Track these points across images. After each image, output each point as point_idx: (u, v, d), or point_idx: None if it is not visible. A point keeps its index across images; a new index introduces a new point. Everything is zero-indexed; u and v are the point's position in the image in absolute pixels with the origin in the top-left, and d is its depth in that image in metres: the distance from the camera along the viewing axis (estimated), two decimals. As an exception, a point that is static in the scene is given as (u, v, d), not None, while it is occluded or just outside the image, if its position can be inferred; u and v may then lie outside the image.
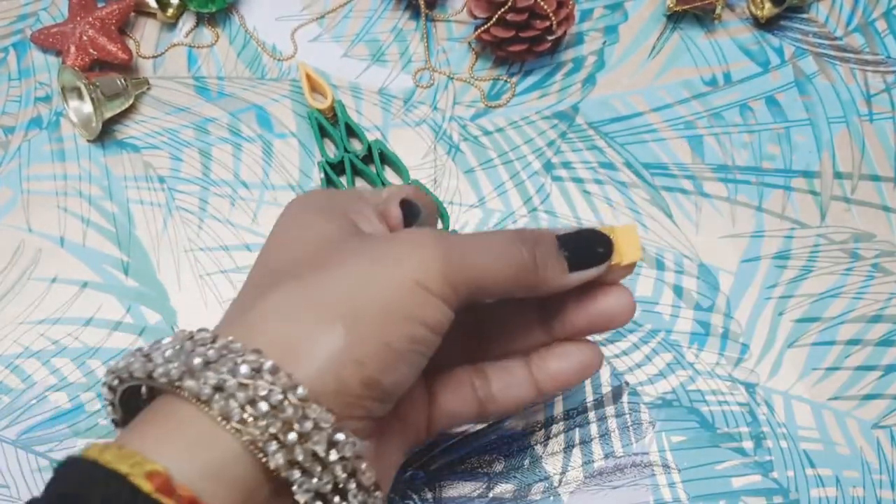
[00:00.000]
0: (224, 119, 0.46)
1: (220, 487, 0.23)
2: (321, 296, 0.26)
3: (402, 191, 0.33)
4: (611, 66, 0.47)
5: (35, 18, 0.49)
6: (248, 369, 0.24)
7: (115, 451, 0.23)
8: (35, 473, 0.39)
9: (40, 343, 0.41)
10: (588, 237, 0.30)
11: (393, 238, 0.28)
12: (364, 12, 0.49)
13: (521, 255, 0.28)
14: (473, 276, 0.27)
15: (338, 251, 0.27)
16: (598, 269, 0.30)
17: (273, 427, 0.23)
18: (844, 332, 0.41)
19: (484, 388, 0.32)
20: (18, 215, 0.44)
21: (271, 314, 0.26)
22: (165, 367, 0.24)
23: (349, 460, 0.25)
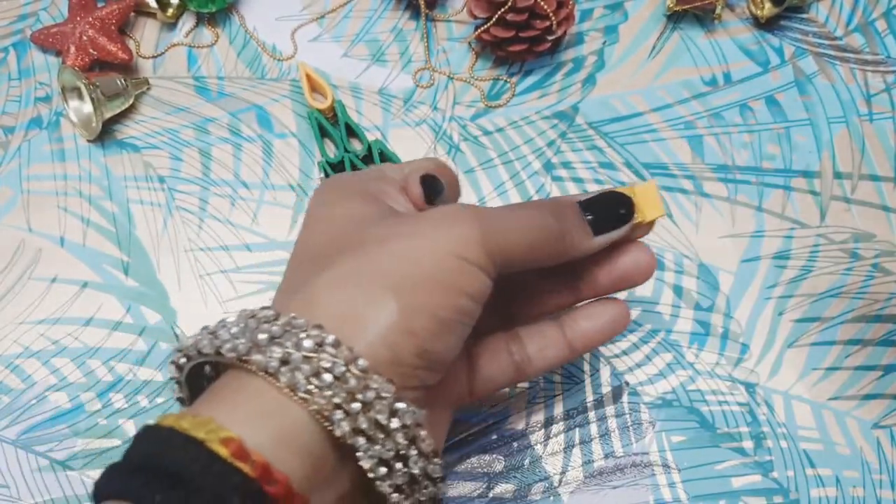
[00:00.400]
0: (224, 119, 0.46)
1: (289, 455, 0.24)
2: (370, 271, 0.27)
3: (423, 166, 0.33)
4: (611, 66, 0.47)
5: (35, 18, 0.49)
6: (312, 343, 0.25)
7: (191, 419, 0.24)
8: (35, 473, 0.39)
9: (40, 343, 0.41)
10: (610, 199, 0.32)
11: (430, 215, 0.29)
12: (364, 12, 0.49)
13: (549, 225, 0.30)
14: (508, 247, 0.28)
15: (378, 230, 0.28)
16: (622, 231, 0.32)
17: (338, 397, 0.25)
18: (844, 332, 0.41)
19: (520, 352, 0.34)
20: (18, 215, 0.44)
21: (325, 290, 0.27)
22: (233, 343, 0.26)
23: (409, 428, 0.26)
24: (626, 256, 0.33)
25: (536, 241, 0.30)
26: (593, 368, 0.41)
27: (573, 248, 0.31)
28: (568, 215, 0.31)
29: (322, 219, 0.31)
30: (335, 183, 0.33)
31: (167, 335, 0.41)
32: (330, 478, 0.26)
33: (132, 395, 0.40)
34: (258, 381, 0.25)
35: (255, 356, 0.25)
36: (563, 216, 0.30)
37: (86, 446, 0.40)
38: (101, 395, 0.40)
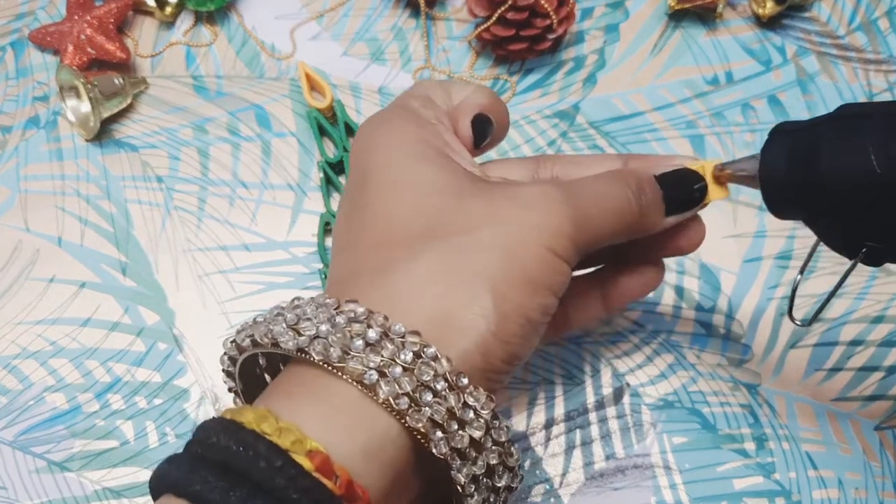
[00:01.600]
0: (223, 118, 0.46)
1: (373, 467, 0.23)
2: (465, 267, 0.25)
3: (476, 103, 0.31)
4: (612, 65, 0.47)
5: (33, 17, 0.49)
6: (411, 354, 0.24)
7: (274, 424, 0.22)
8: (33, 475, 0.39)
9: (38, 343, 0.41)
10: (686, 178, 0.30)
11: (520, 196, 0.27)
12: (364, 11, 0.49)
13: (630, 203, 0.28)
14: (595, 234, 0.27)
15: (466, 209, 0.27)
16: (692, 212, 0.31)
17: (437, 415, 0.23)
18: (847, 333, 0.41)
19: (558, 311, 0.31)
20: (16, 215, 0.44)
21: (416, 285, 0.25)
22: (323, 346, 0.24)
23: (503, 445, 0.25)
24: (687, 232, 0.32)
25: (618, 223, 0.28)
26: (594, 370, 0.40)
27: (648, 229, 0.29)
28: (647, 191, 0.29)
29: (393, 182, 0.28)
30: (396, 130, 0.29)
31: (165, 336, 0.41)
32: (405, 487, 0.25)
33: (130, 396, 0.40)
34: (349, 388, 0.23)
35: (353, 365, 0.23)
36: (642, 192, 0.29)
37: (84, 447, 0.39)
38: (99, 395, 0.40)
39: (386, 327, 0.24)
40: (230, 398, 0.40)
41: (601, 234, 0.28)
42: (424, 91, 0.31)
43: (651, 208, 0.29)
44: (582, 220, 0.27)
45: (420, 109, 0.30)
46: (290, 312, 0.25)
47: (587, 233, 0.27)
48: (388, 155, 0.28)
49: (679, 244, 0.32)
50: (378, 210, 0.28)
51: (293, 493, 0.21)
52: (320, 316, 0.24)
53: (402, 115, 0.30)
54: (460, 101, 0.31)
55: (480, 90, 0.31)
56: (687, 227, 0.32)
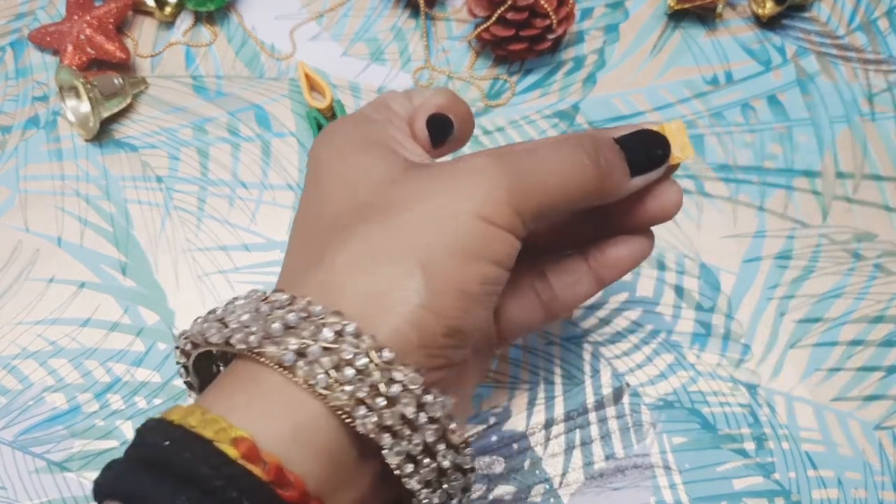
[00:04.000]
0: (222, 118, 0.46)
1: (306, 453, 0.23)
2: (393, 246, 0.25)
3: (433, 103, 0.30)
4: (612, 65, 0.47)
5: (33, 17, 0.49)
6: (331, 333, 0.23)
7: (200, 416, 0.23)
8: (32, 475, 0.39)
9: (38, 344, 0.41)
10: (647, 138, 0.29)
11: (452, 170, 0.26)
12: (363, 11, 0.49)
13: (585, 166, 0.27)
14: (540, 200, 0.26)
15: (398, 191, 0.26)
16: (659, 172, 0.29)
17: (361, 392, 0.23)
18: (846, 333, 0.41)
19: (547, 291, 0.32)
20: (16, 215, 0.44)
21: (346, 269, 0.25)
22: (244, 334, 0.24)
23: (439, 420, 0.24)
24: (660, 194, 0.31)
25: (572, 187, 0.27)
26: (594, 369, 0.40)
27: (612, 191, 0.28)
28: (605, 153, 0.28)
29: (333, 174, 0.28)
30: (341, 131, 0.30)
31: (165, 336, 0.41)
32: (349, 477, 0.24)
33: (130, 396, 0.40)
34: (273, 374, 0.23)
35: (269, 348, 0.23)
36: (601, 154, 0.28)
37: (83, 447, 0.39)
38: (99, 395, 0.40)
39: (308, 310, 0.24)
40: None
41: (552, 199, 0.27)
42: (383, 100, 0.31)
43: (613, 170, 0.28)
44: (525, 186, 0.26)
45: (372, 114, 0.30)
46: (222, 308, 0.26)
47: (533, 198, 0.26)
48: (328, 150, 0.29)
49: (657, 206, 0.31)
50: (316, 202, 0.28)
51: (218, 482, 0.21)
52: (247, 307, 0.25)
53: (353, 117, 0.30)
54: (417, 104, 0.31)
55: (439, 92, 0.31)
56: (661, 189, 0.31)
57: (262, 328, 0.24)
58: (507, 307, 0.31)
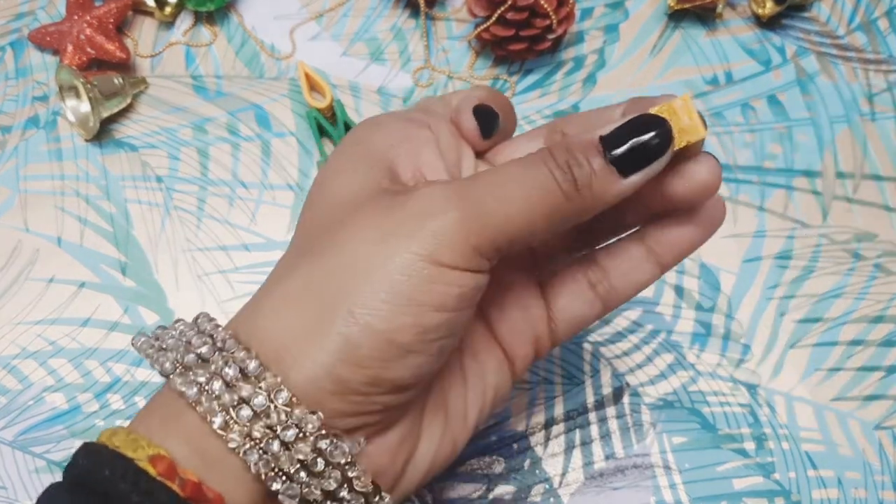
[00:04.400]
0: (222, 118, 0.46)
1: (223, 476, 0.23)
2: (328, 288, 0.24)
3: (474, 96, 0.29)
4: (612, 65, 0.47)
5: (33, 17, 0.49)
6: (236, 370, 0.23)
7: (124, 436, 0.23)
8: (33, 474, 0.39)
9: (38, 343, 0.41)
10: (636, 127, 0.25)
11: (404, 205, 0.24)
12: (363, 11, 0.49)
13: (551, 186, 0.24)
14: (503, 231, 0.24)
15: (351, 223, 0.25)
16: (660, 165, 0.25)
17: (255, 432, 0.23)
18: (846, 333, 0.41)
19: (603, 282, 0.29)
20: (16, 215, 0.44)
21: (280, 304, 0.25)
22: (163, 357, 0.24)
23: (338, 467, 0.24)
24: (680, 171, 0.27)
25: (540, 212, 0.24)
26: (594, 369, 0.40)
27: (594, 202, 0.25)
28: (580, 160, 0.25)
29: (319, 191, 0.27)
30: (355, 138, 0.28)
31: (165, 336, 0.41)
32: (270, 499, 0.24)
33: (130, 396, 0.40)
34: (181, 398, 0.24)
35: (177, 379, 0.23)
36: (574, 164, 0.24)
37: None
38: (99, 395, 0.40)
39: (222, 344, 0.24)
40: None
41: (517, 228, 0.24)
42: (423, 103, 0.31)
43: (595, 177, 0.24)
44: (483, 219, 0.24)
45: (415, 114, 0.29)
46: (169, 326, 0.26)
47: (493, 230, 0.24)
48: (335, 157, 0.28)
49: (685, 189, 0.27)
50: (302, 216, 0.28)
51: (136, 497, 0.22)
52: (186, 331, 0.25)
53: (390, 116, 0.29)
54: (458, 101, 0.30)
55: (477, 87, 0.30)
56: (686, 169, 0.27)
57: (179, 357, 0.24)
58: (559, 301, 0.30)
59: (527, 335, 0.29)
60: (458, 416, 0.29)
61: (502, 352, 0.30)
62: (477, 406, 0.29)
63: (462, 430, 0.29)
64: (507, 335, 0.29)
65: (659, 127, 0.25)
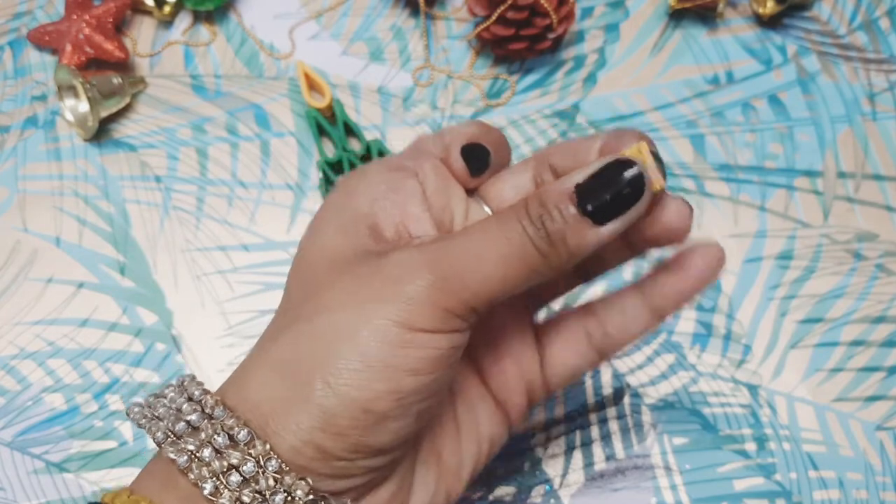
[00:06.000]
0: (221, 118, 0.46)
1: None
2: (307, 357, 0.24)
3: (464, 133, 0.29)
4: (612, 65, 0.47)
5: (31, 17, 0.48)
6: (225, 438, 0.24)
7: (125, 498, 0.24)
8: (31, 475, 0.39)
9: (36, 344, 0.41)
10: (607, 177, 0.24)
11: (377, 271, 0.25)
12: (363, 10, 0.48)
13: (525, 240, 0.24)
14: (475, 293, 0.24)
15: (329, 288, 0.25)
16: (637, 210, 0.25)
17: (246, 497, 0.23)
18: (848, 333, 0.41)
19: (598, 331, 0.29)
20: (14, 215, 0.44)
21: (257, 374, 0.25)
22: (155, 427, 0.25)
23: None
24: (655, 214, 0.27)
25: (513, 269, 0.24)
26: (594, 370, 0.40)
27: (571, 253, 0.24)
28: (553, 214, 0.24)
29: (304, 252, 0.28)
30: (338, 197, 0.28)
31: (164, 336, 0.41)
32: None
33: (128, 397, 0.40)
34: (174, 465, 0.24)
35: (168, 448, 0.24)
36: (548, 217, 0.24)
37: (82, 448, 0.39)
38: (97, 396, 0.40)
39: (212, 412, 0.24)
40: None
41: (491, 286, 0.24)
42: (417, 143, 0.30)
43: (569, 229, 0.24)
44: (455, 280, 0.24)
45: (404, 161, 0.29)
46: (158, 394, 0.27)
47: (467, 291, 0.24)
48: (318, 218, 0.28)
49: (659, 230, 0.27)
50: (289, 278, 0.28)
51: None
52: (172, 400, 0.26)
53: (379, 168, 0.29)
54: (448, 139, 0.29)
55: (469, 123, 0.30)
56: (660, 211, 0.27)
57: (170, 425, 0.24)
58: (553, 349, 0.30)
59: (520, 384, 0.30)
60: (451, 467, 0.28)
61: (495, 401, 0.30)
62: (472, 457, 0.29)
63: (456, 481, 0.29)
64: (500, 384, 0.29)
65: (631, 172, 0.24)
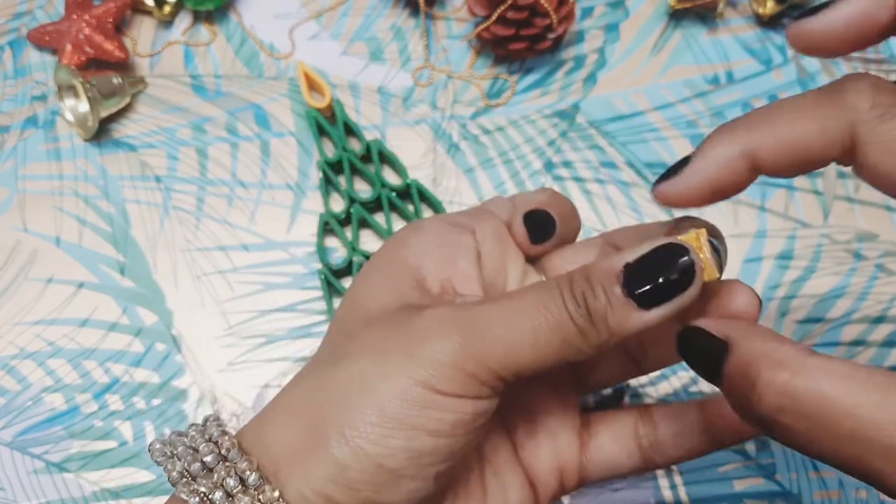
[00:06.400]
0: (221, 118, 0.46)
1: None
2: (326, 406, 0.24)
3: (533, 200, 0.28)
4: (612, 65, 0.47)
5: (31, 17, 0.48)
6: (237, 481, 0.24)
7: None
8: (31, 475, 0.39)
9: (36, 344, 0.41)
10: (659, 258, 0.23)
11: (407, 326, 0.24)
12: (363, 10, 0.48)
13: (563, 314, 0.23)
14: (502, 362, 0.23)
15: (360, 337, 0.25)
16: (686, 298, 0.23)
17: None
18: (848, 334, 0.41)
19: (650, 436, 0.28)
20: (14, 215, 0.44)
21: (278, 416, 0.25)
22: (171, 465, 0.25)
23: None
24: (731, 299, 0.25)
25: (546, 344, 0.23)
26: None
27: (612, 335, 0.23)
28: (597, 291, 0.23)
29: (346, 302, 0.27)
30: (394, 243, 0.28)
31: (164, 336, 0.41)
32: None
33: (128, 397, 0.40)
34: None
35: (182, 489, 0.24)
36: (591, 294, 0.23)
37: (82, 448, 0.39)
38: (97, 396, 0.40)
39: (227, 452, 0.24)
40: (228, 399, 0.40)
41: (520, 358, 0.23)
42: (487, 204, 0.30)
43: (612, 311, 0.23)
44: (485, 347, 0.23)
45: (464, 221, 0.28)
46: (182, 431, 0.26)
47: (495, 359, 0.23)
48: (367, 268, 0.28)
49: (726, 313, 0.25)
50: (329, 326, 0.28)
51: None
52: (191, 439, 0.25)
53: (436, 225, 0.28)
54: (517, 202, 0.29)
55: (541, 190, 0.29)
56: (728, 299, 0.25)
57: (186, 465, 0.24)
58: (596, 442, 0.29)
59: (553, 463, 0.28)
60: None
61: (525, 476, 0.29)
62: None
63: None
64: (532, 459, 0.29)
65: (684, 258, 0.23)
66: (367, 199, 0.43)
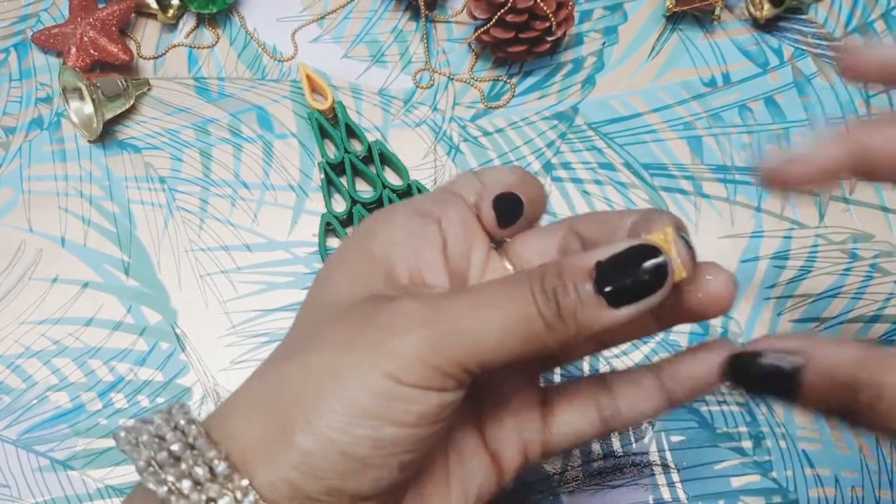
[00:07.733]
0: (224, 119, 0.46)
1: None
2: (291, 396, 0.24)
3: (502, 182, 0.28)
4: (610, 67, 0.47)
5: (36, 19, 0.49)
6: (206, 470, 0.24)
7: None
8: (36, 473, 0.39)
9: (41, 343, 0.42)
10: (630, 258, 0.23)
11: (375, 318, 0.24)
12: (364, 13, 0.49)
13: (532, 309, 0.23)
14: (469, 355, 0.23)
15: (327, 328, 0.25)
16: (656, 297, 0.23)
17: None
18: (843, 333, 0.41)
19: (610, 406, 0.29)
20: (20, 215, 0.44)
21: (243, 407, 0.25)
22: (137, 454, 0.24)
23: None
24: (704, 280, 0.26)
25: (514, 338, 0.23)
26: (592, 368, 0.41)
27: (580, 330, 0.23)
28: (568, 288, 0.23)
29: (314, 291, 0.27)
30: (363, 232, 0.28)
31: (168, 335, 0.41)
32: None
33: (133, 395, 0.40)
34: None
35: (149, 479, 0.24)
36: (561, 290, 0.23)
37: (87, 446, 0.40)
38: (102, 394, 0.40)
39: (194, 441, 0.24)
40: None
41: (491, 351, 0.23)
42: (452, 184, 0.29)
43: (581, 307, 0.23)
44: (452, 341, 0.23)
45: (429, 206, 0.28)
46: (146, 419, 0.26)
47: (461, 353, 0.23)
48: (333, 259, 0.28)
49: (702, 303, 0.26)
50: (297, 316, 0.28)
51: None
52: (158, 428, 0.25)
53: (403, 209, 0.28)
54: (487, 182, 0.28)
55: (510, 169, 0.29)
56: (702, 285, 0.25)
57: (153, 454, 0.24)
58: (559, 417, 0.29)
59: (517, 440, 0.29)
60: None
61: (490, 457, 0.29)
62: None
63: None
64: (496, 437, 0.29)
65: (654, 260, 0.23)
66: (369, 200, 0.43)
